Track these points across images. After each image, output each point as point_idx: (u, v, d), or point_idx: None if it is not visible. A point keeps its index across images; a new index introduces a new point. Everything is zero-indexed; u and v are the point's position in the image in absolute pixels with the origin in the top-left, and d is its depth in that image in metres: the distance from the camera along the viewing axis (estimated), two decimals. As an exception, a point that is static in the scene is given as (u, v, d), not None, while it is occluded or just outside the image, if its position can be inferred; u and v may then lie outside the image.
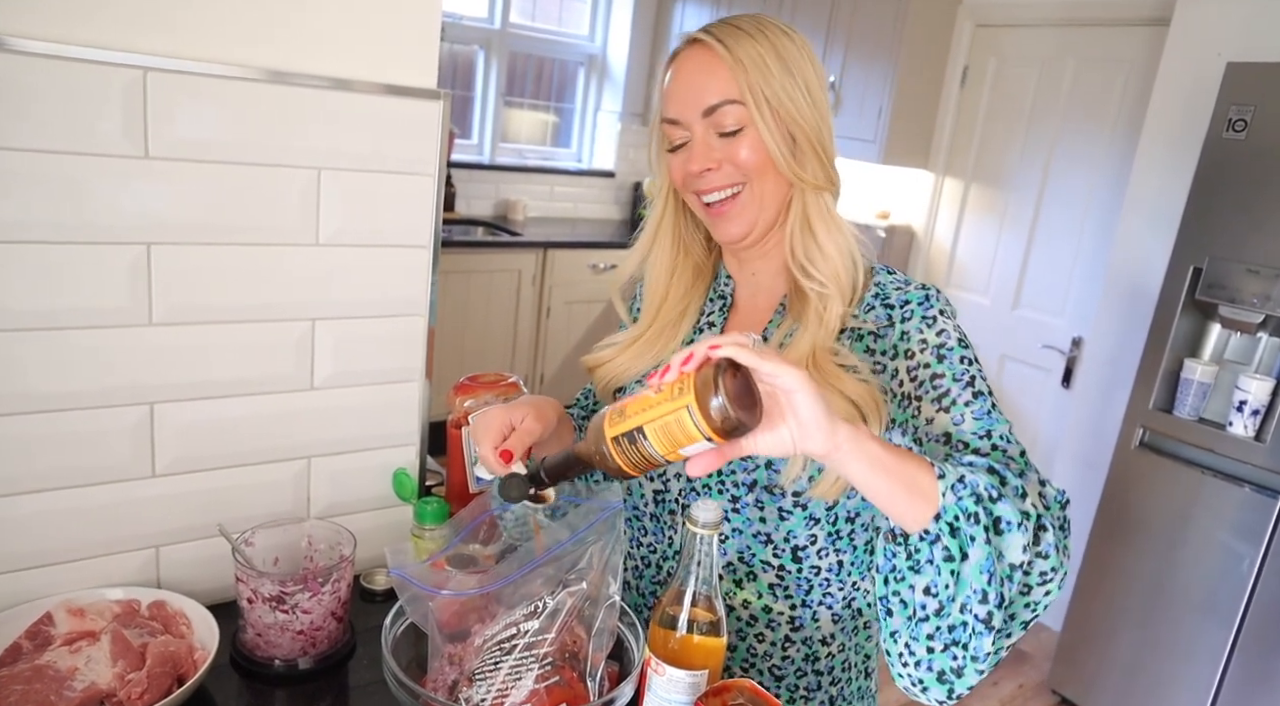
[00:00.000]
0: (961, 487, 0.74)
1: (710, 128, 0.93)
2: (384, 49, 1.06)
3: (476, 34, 4.16)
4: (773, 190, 0.95)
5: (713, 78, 0.92)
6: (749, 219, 0.96)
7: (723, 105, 0.92)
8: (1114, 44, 2.93)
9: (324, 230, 1.06)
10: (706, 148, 0.94)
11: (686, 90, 0.94)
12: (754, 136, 0.92)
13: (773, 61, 0.92)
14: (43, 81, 0.86)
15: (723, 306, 1.06)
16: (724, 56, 0.91)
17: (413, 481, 1.15)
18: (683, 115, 0.94)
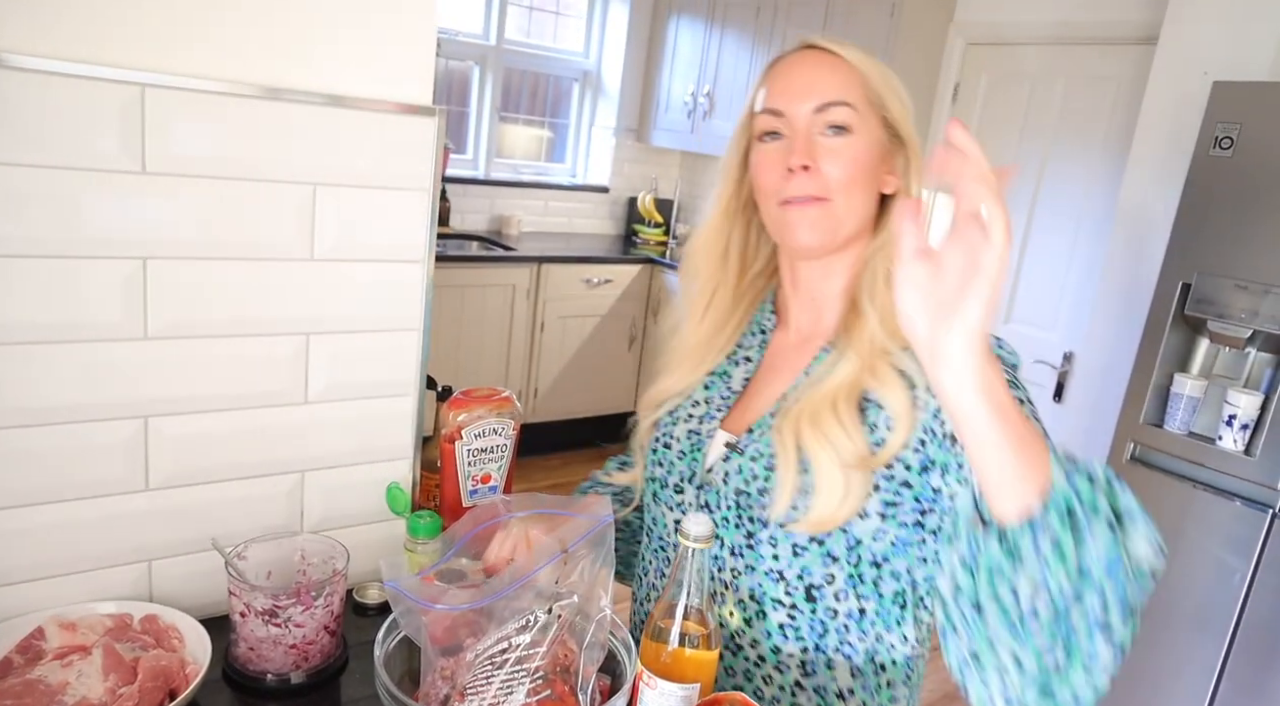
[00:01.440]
0: (1074, 468, 0.64)
1: (816, 125, 0.91)
2: (379, 65, 1.07)
3: (472, 50, 4.19)
4: (859, 206, 0.93)
5: (834, 75, 0.92)
6: (824, 232, 0.93)
7: (838, 104, 0.90)
8: (1103, 63, 2.97)
9: (319, 245, 1.06)
10: (809, 142, 0.91)
11: (799, 83, 0.92)
12: (860, 142, 0.91)
13: (888, 78, 0.93)
14: (41, 98, 0.87)
15: (761, 342, 1.04)
16: (847, 58, 0.92)
17: (406, 496, 1.15)
18: (789, 107, 0.92)
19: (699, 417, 1.03)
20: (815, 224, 0.92)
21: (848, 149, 0.91)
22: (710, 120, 4.11)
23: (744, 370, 1.04)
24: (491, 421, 1.15)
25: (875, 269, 0.94)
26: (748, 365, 1.04)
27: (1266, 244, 2.10)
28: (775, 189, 0.93)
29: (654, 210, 4.56)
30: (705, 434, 1.01)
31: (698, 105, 4.16)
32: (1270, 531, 2.10)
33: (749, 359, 1.04)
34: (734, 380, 1.03)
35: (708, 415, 1.02)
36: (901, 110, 0.94)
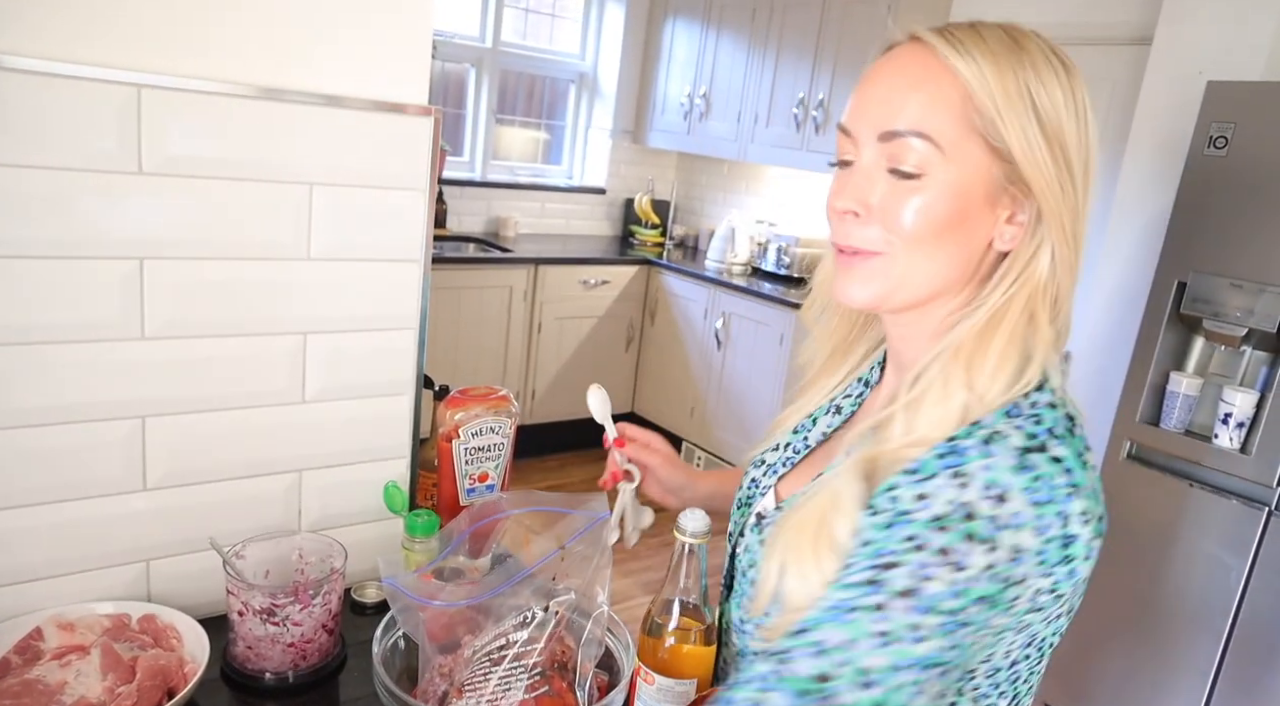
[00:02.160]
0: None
1: (883, 157, 0.70)
2: (376, 66, 1.07)
3: (468, 52, 4.19)
4: (928, 267, 0.70)
5: (915, 92, 0.68)
6: (878, 290, 0.72)
7: (909, 136, 0.68)
8: (1097, 63, 2.98)
9: (316, 245, 1.07)
10: (868, 181, 0.70)
11: (875, 97, 0.71)
12: (935, 194, 0.68)
13: (1026, 111, 0.66)
14: (38, 99, 0.87)
15: (860, 395, 0.87)
16: (950, 68, 0.67)
17: (403, 494, 1.15)
18: (856, 127, 0.71)
19: (768, 466, 0.91)
20: (865, 281, 0.72)
21: (917, 198, 0.68)
22: (706, 121, 4.12)
23: (827, 422, 0.89)
24: (489, 420, 1.15)
25: (950, 345, 0.70)
26: (835, 417, 0.88)
27: (1261, 243, 2.10)
28: (831, 229, 0.75)
29: (651, 211, 4.57)
30: (762, 489, 0.90)
31: (694, 106, 4.17)
32: (1266, 529, 2.11)
33: (839, 410, 0.88)
34: (814, 432, 0.89)
35: (773, 468, 0.90)
36: (1027, 139, 0.67)
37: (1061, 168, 0.68)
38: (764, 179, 4.30)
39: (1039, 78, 0.67)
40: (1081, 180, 0.69)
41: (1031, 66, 0.67)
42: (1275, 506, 2.09)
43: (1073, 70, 0.70)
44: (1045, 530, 0.61)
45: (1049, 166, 0.67)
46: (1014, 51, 0.67)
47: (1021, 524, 0.61)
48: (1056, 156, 0.67)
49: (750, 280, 3.85)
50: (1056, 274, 0.70)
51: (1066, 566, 0.63)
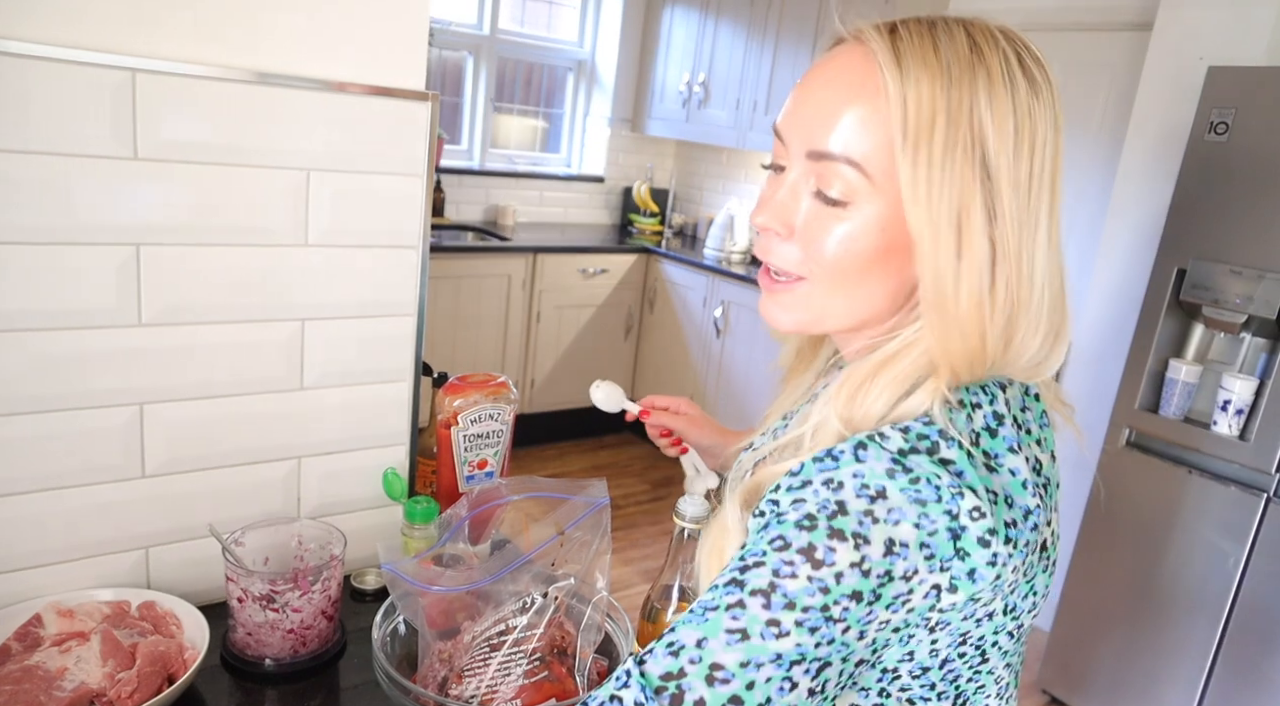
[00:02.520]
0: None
1: (810, 176, 0.64)
2: (373, 50, 1.06)
3: (465, 40, 4.17)
4: (851, 300, 0.66)
5: (847, 107, 0.61)
6: (798, 318, 0.69)
7: (837, 160, 0.62)
8: (1098, 49, 2.96)
9: (313, 231, 1.06)
10: (791, 199, 0.65)
11: (805, 105, 0.65)
12: (858, 225, 0.62)
13: (951, 135, 0.59)
14: (31, 83, 0.87)
15: None
16: (883, 86, 0.60)
17: (402, 481, 1.15)
18: (788, 135, 0.66)
19: (754, 450, 0.86)
20: (786, 308, 0.68)
21: (839, 226, 0.63)
22: (705, 109, 4.11)
23: None
24: (488, 407, 1.15)
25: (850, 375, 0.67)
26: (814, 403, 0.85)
27: (1261, 229, 2.10)
28: (755, 241, 0.70)
29: (649, 200, 4.56)
30: (743, 471, 0.84)
31: (692, 94, 4.15)
32: (1265, 515, 2.11)
33: (816, 398, 0.83)
34: (795, 419, 0.85)
35: (751, 446, 0.88)
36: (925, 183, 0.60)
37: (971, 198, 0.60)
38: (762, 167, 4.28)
39: (990, 100, 0.60)
40: (1017, 221, 0.62)
41: (985, 86, 0.60)
42: (1274, 493, 2.09)
43: (1039, 88, 0.63)
44: (927, 523, 0.58)
45: (944, 213, 0.60)
46: (967, 66, 0.60)
47: (899, 519, 0.58)
48: (970, 200, 0.60)
49: (749, 269, 3.84)
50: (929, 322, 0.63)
51: (963, 563, 0.59)
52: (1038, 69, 0.63)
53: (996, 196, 0.60)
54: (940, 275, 0.61)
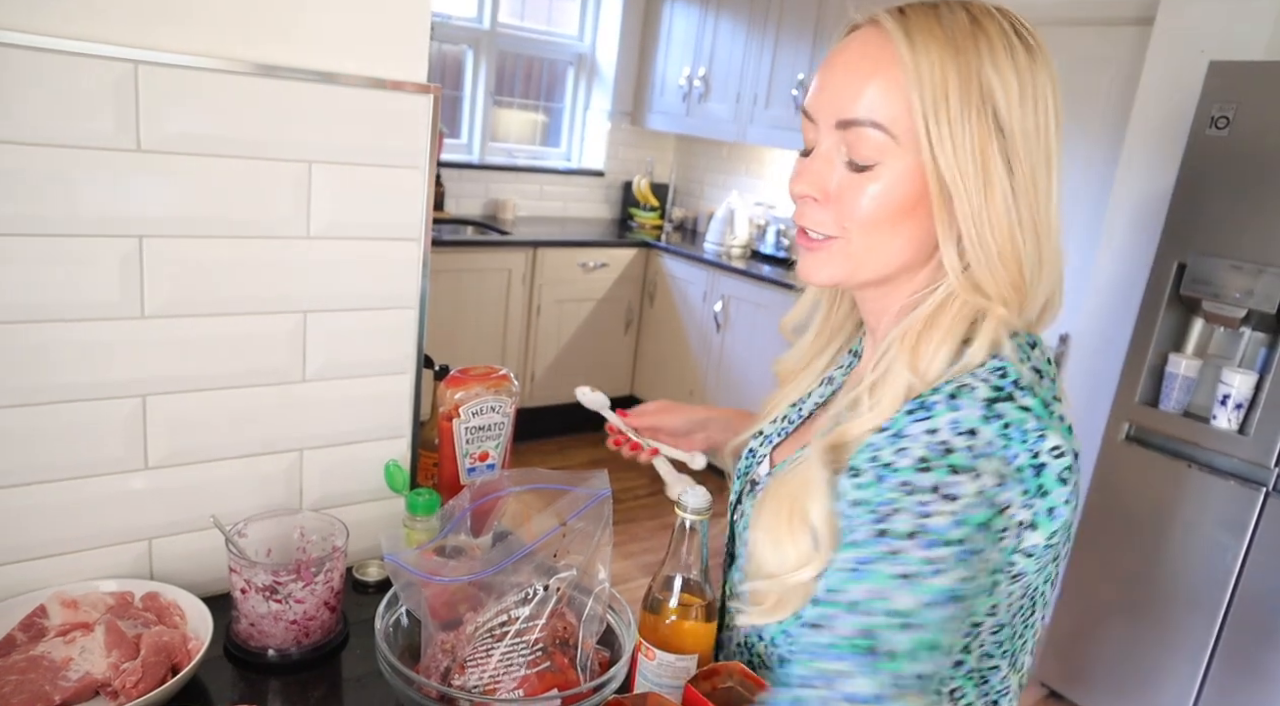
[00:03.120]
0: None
1: (841, 145, 0.72)
2: (375, 42, 1.06)
3: (465, 34, 4.17)
4: (886, 250, 0.73)
5: (870, 80, 0.69)
6: (837, 272, 0.75)
7: (864, 125, 0.69)
8: (1099, 44, 2.96)
9: (315, 223, 1.06)
10: (825, 168, 0.72)
11: (832, 84, 0.72)
12: (888, 184, 0.70)
13: (967, 92, 0.67)
14: (35, 75, 0.87)
15: (850, 365, 0.90)
16: (900, 58, 0.67)
17: (404, 473, 1.15)
18: (817, 112, 0.73)
19: (765, 436, 0.94)
20: (823, 264, 0.75)
21: (872, 186, 0.70)
22: (706, 103, 4.10)
23: (821, 392, 0.91)
24: (489, 399, 1.15)
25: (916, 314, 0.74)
26: (827, 387, 0.91)
27: (1262, 224, 2.10)
28: (796, 210, 0.77)
29: (649, 194, 4.56)
30: (758, 457, 0.93)
31: (693, 88, 4.15)
32: (1264, 509, 2.12)
33: (831, 381, 0.91)
34: (808, 402, 0.92)
35: (769, 438, 0.94)
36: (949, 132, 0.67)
37: (989, 146, 0.68)
38: (763, 161, 4.29)
39: (994, 63, 0.68)
40: (1029, 164, 0.70)
41: (988, 52, 0.68)
42: (1273, 487, 2.10)
43: (1035, 51, 0.70)
44: (1016, 459, 0.65)
45: (969, 161, 0.67)
46: (970, 36, 0.68)
47: (994, 452, 0.64)
48: (985, 138, 0.68)
49: (749, 263, 3.84)
50: (976, 260, 0.71)
51: (1044, 500, 0.66)
52: (1031, 37, 0.71)
53: (1011, 144, 0.68)
54: (976, 213, 0.69)
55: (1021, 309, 0.73)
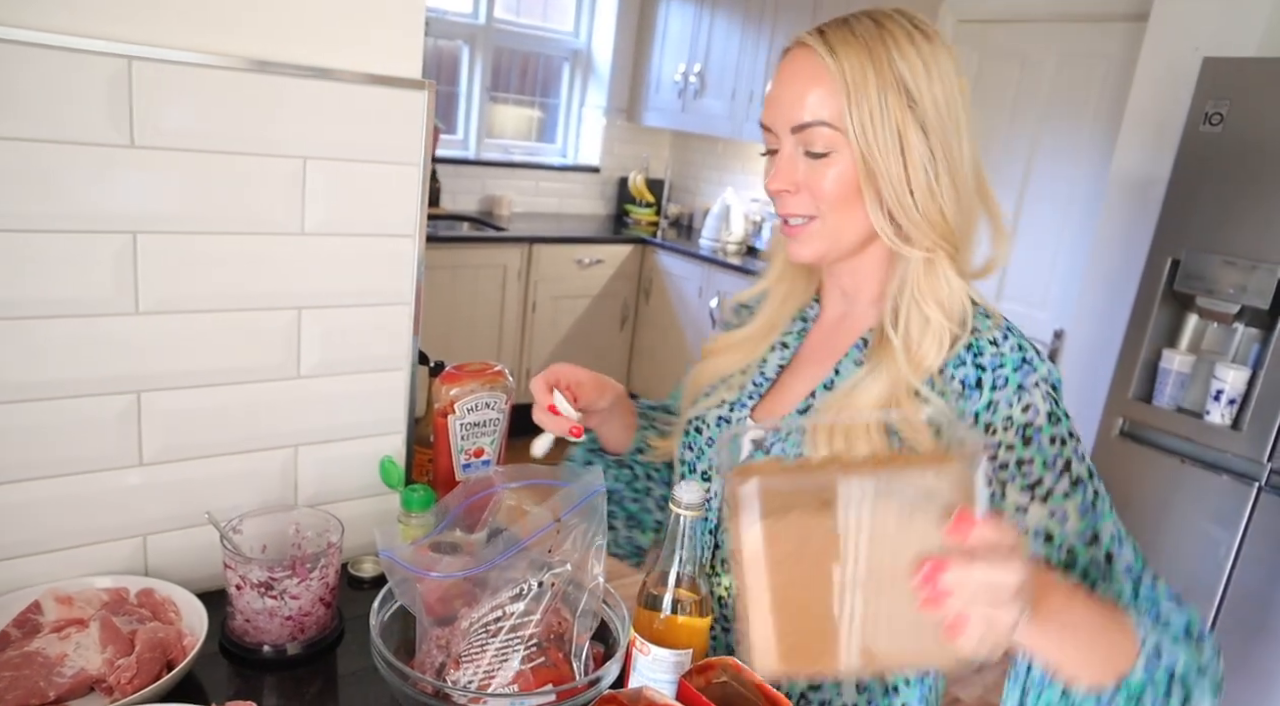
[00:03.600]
0: (1156, 662, 0.67)
1: (799, 144, 0.86)
2: (368, 38, 1.06)
3: (461, 29, 4.16)
4: (854, 222, 0.87)
5: (809, 90, 0.83)
6: (819, 247, 0.89)
7: (814, 126, 0.83)
8: (1094, 39, 2.97)
9: (309, 219, 1.06)
10: (791, 165, 0.87)
11: (782, 98, 0.86)
12: (843, 166, 0.84)
13: (884, 83, 0.81)
14: (26, 70, 0.87)
15: (801, 330, 1.01)
16: (828, 68, 0.82)
17: (399, 469, 1.15)
18: (774, 124, 0.88)
19: (730, 404, 1.00)
20: (808, 241, 0.89)
21: (830, 171, 0.85)
22: (701, 99, 4.10)
23: (779, 357, 1.01)
24: (484, 395, 1.15)
25: (902, 282, 0.88)
26: (783, 352, 1.01)
27: (1255, 220, 2.11)
28: (774, 205, 0.92)
29: (645, 190, 4.55)
30: (735, 422, 0.99)
31: (688, 84, 4.14)
32: (1256, 504, 2.13)
33: (785, 346, 1.01)
34: (769, 366, 1.01)
35: (739, 402, 1.00)
36: (898, 120, 0.81)
37: (908, 125, 0.81)
38: (759, 157, 4.27)
39: (900, 53, 0.81)
40: (942, 131, 0.82)
41: (894, 44, 0.81)
42: (1265, 482, 2.11)
43: (934, 37, 0.83)
44: None
45: (911, 136, 0.81)
46: (877, 36, 0.82)
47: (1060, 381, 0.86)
48: (914, 124, 0.81)
49: (745, 259, 3.84)
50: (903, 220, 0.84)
51: None
52: (928, 27, 0.84)
53: (924, 115, 0.82)
54: (897, 181, 0.83)
55: (957, 256, 0.86)
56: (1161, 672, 0.67)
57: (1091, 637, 0.66)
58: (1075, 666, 0.67)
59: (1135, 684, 0.67)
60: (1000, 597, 0.53)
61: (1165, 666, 0.67)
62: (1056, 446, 0.80)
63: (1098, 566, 0.78)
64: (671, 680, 0.85)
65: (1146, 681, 0.67)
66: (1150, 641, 0.68)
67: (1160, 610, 0.72)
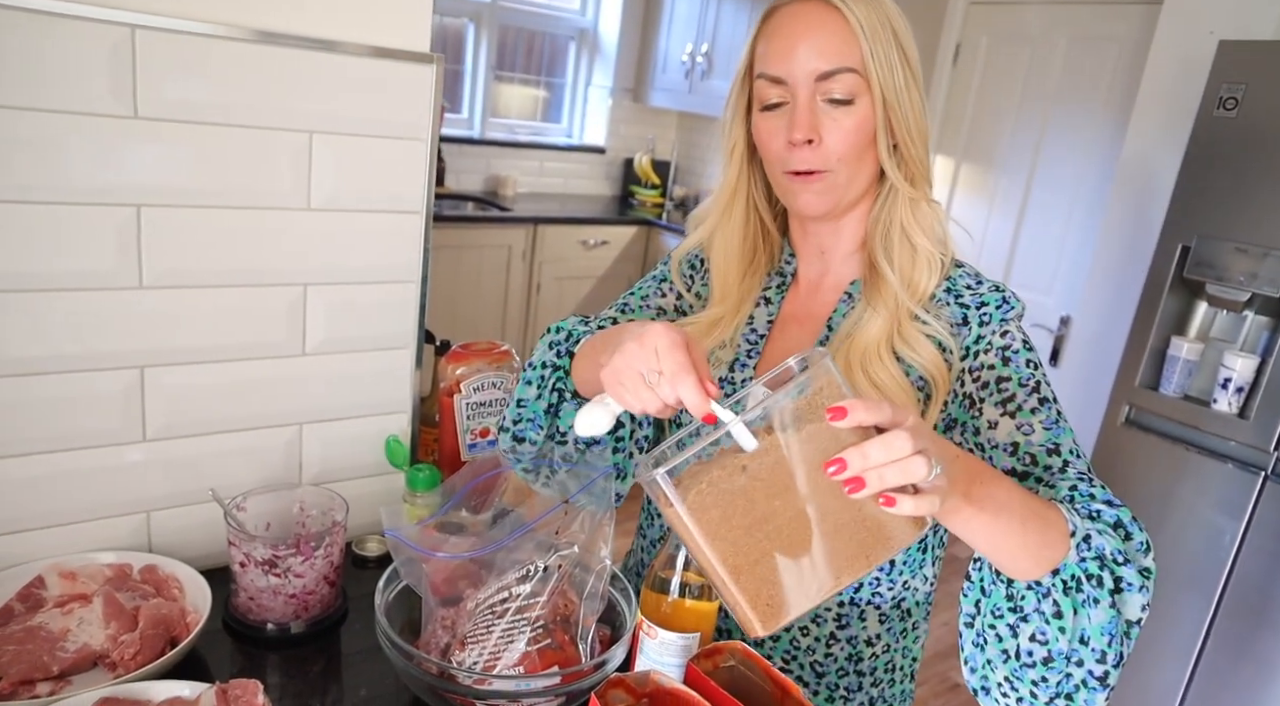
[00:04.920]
0: (1086, 548, 0.70)
1: (818, 94, 0.87)
2: (375, 11, 1.04)
3: (467, 7, 4.12)
4: (863, 172, 0.91)
5: (835, 39, 0.86)
6: (830, 200, 0.92)
7: (840, 73, 0.86)
8: (1106, 22, 2.93)
9: (316, 194, 1.05)
10: (811, 115, 0.87)
11: (799, 48, 0.87)
12: (863, 113, 0.87)
13: (891, 37, 0.86)
14: (28, 38, 0.85)
15: (781, 284, 1.02)
16: (850, 18, 0.85)
17: (405, 448, 1.15)
18: (790, 74, 0.87)
19: (728, 364, 1.00)
20: (820, 194, 0.91)
21: (851, 120, 0.87)
22: (709, 80, 4.06)
23: (766, 312, 1.02)
24: (490, 375, 1.14)
25: (888, 223, 0.93)
26: (768, 308, 1.02)
27: (1268, 206, 2.09)
28: (780, 158, 0.91)
29: (651, 171, 4.52)
30: (739, 383, 0.99)
31: (695, 65, 4.10)
32: (1262, 493, 2.12)
33: (769, 301, 1.02)
34: (758, 323, 1.02)
35: (738, 362, 1.00)
36: (904, 73, 0.88)
37: (907, 74, 0.88)
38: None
39: (889, 10, 0.88)
40: (918, 73, 0.90)
41: (888, 10, 0.88)
42: (1271, 471, 2.10)
43: None
44: None
45: (913, 85, 0.89)
46: None
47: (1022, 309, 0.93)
48: (913, 75, 0.89)
49: (750, 242, 3.82)
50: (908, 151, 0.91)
51: None
52: None
53: (909, 60, 0.89)
54: (905, 114, 0.89)
55: (931, 183, 0.95)
56: (1092, 558, 0.71)
57: (1023, 521, 0.68)
58: (1010, 551, 0.69)
59: (1068, 567, 0.70)
60: (901, 456, 0.58)
61: (1095, 552, 0.71)
62: (1030, 369, 0.87)
63: (1051, 472, 0.82)
64: (679, 663, 0.84)
65: (1078, 567, 0.70)
66: (1080, 530, 0.71)
67: (1092, 506, 0.75)
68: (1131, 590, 0.72)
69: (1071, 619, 0.70)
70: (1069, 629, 0.70)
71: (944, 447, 0.63)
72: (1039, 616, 0.71)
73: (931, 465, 0.58)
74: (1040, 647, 0.72)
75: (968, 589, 0.78)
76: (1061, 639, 0.71)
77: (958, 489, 0.63)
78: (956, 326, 0.90)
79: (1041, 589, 0.71)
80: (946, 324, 0.90)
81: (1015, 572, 0.71)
